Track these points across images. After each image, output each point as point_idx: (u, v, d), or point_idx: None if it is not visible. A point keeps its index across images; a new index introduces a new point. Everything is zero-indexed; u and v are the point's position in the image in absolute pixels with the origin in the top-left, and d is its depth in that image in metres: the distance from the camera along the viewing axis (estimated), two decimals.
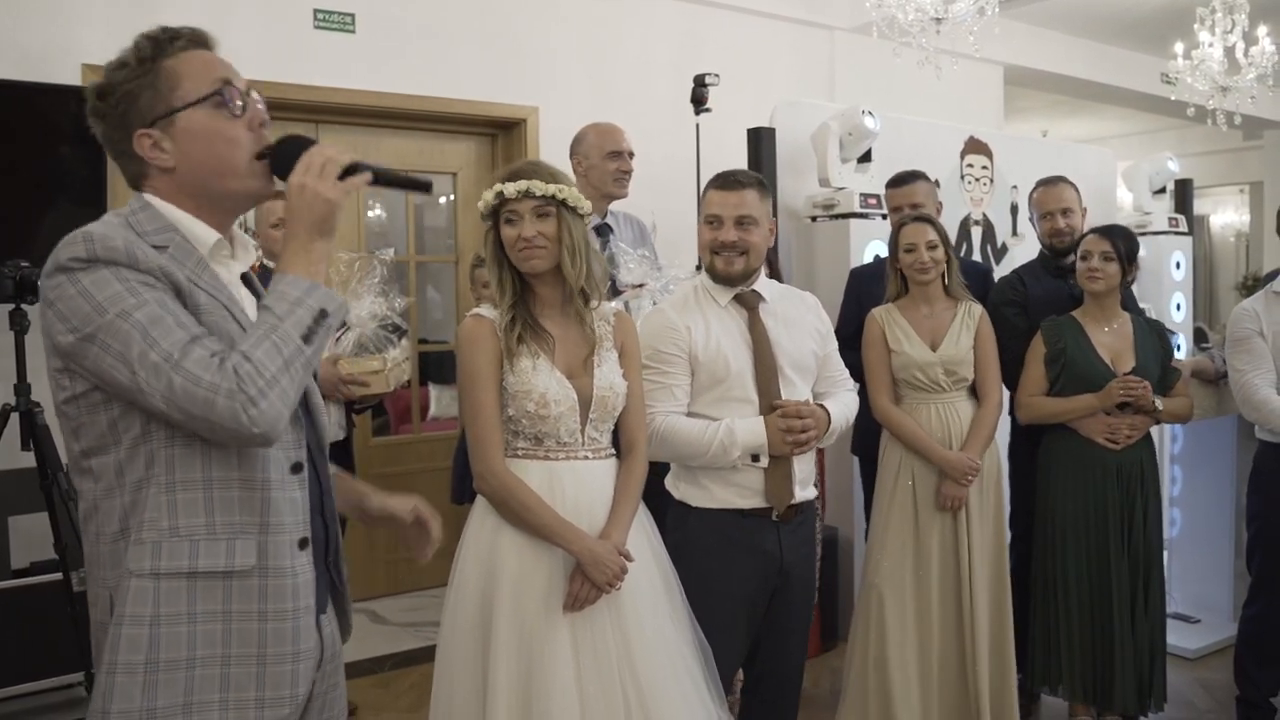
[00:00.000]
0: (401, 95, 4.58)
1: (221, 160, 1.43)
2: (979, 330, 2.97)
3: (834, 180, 4.18)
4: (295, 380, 1.32)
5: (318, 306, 1.35)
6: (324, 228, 1.41)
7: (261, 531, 1.39)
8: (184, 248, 1.40)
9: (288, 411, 1.32)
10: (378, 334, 3.18)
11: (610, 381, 2.12)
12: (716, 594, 2.35)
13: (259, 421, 1.28)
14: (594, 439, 2.11)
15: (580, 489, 2.07)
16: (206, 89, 1.41)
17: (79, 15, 3.92)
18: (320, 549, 1.52)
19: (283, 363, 1.30)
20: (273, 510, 1.40)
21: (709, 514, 2.38)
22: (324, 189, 1.41)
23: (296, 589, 1.42)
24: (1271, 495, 3.15)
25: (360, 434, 4.77)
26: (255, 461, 1.39)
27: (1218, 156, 10.95)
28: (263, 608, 1.39)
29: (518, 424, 2.07)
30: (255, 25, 4.26)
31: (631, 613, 2.06)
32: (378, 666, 4.01)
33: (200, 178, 1.43)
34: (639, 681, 2.02)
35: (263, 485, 1.40)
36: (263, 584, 1.39)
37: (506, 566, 2.02)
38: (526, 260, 2.08)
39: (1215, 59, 5.72)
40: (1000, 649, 2.93)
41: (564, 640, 1.99)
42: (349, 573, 1.62)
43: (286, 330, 1.32)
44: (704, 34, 5.47)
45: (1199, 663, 3.88)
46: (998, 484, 2.97)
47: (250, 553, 1.38)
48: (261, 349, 1.30)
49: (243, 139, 1.44)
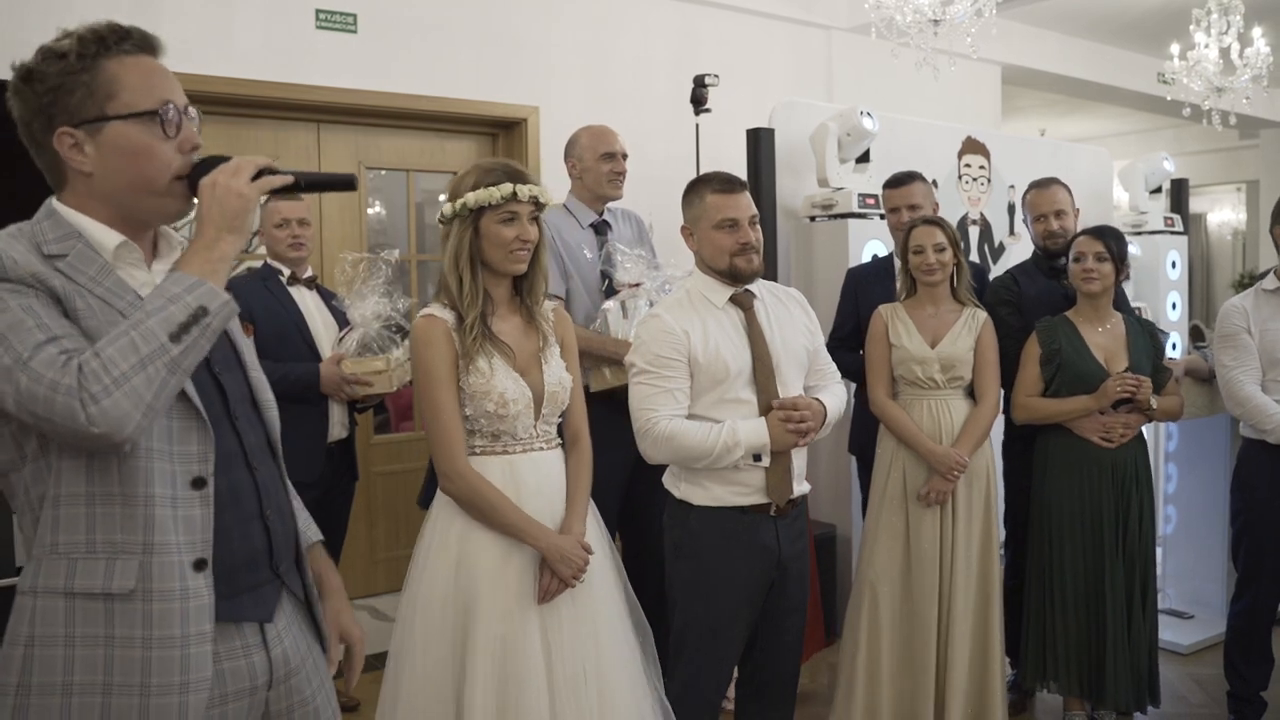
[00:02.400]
0: (402, 95, 4.60)
1: (142, 178, 1.37)
2: (981, 333, 3.01)
3: (832, 180, 4.21)
4: (153, 380, 1.23)
5: (196, 304, 1.27)
6: (235, 223, 1.35)
7: (145, 552, 1.30)
8: (85, 254, 1.34)
9: (137, 413, 1.22)
10: (381, 334, 3.21)
11: (559, 377, 2.21)
12: (718, 590, 2.39)
13: (98, 421, 1.20)
14: (545, 431, 2.21)
15: (539, 478, 2.16)
16: (146, 105, 1.36)
17: (78, 13, 3.93)
18: (262, 556, 1.45)
19: (138, 360, 1.22)
20: (158, 529, 1.31)
21: (710, 511, 2.41)
22: (236, 184, 1.35)
23: (186, 614, 1.31)
24: (1253, 491, 3.20)
25: (362, 432, 4.80)
26: (137, 476, 1.30)
27: (1214, 155, 10.99)
28: (146, 634, 1.29)
29: (475, 423, 2.13)
30: (257, 25, 4.28)
31: (588, 601, 2.15)
32: (379, 663, 4.03)
33: (117, 190, 1.37)
34: (600, 667, 2.12)
35: (146, 502, 1.30)
36: (146, 608, 1.29)
37: (481, 564, 2.08)
38: (517, 261, 2.14)
39: (1211, 60, 5.75)
40: (985, 645, 2.97)
41: (535, 631, 2.07)
42: (349, 571, 1.58)
43: (151, 327, 1.24)
44: (702, 34, 5.49)
45: (1192, 658, 3.92)
46: (988, 482, 3.01)
47: (130, 574, 1.29)
48: (115, 346, 1.23)
49: (169, 160, 1.38)
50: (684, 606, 2.44)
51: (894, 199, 3.49)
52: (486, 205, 2.09)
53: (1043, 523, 3.15)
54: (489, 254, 2.13)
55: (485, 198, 2.09)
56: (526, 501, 2.12)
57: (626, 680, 2.16)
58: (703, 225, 2.43)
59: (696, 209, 2.45)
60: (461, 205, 2.11)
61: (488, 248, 2.12)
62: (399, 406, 5.24)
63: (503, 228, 2.10)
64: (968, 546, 2.95)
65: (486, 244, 2.12)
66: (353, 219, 4.74)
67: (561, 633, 2.10)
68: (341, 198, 4.68)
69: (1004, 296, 3.37)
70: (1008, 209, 5.15)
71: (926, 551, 2.94)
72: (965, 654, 2.93)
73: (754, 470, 2.39)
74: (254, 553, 1.44)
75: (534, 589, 2.08)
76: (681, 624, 2.44)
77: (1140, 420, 3.09)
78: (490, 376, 2.09)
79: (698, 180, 2.52)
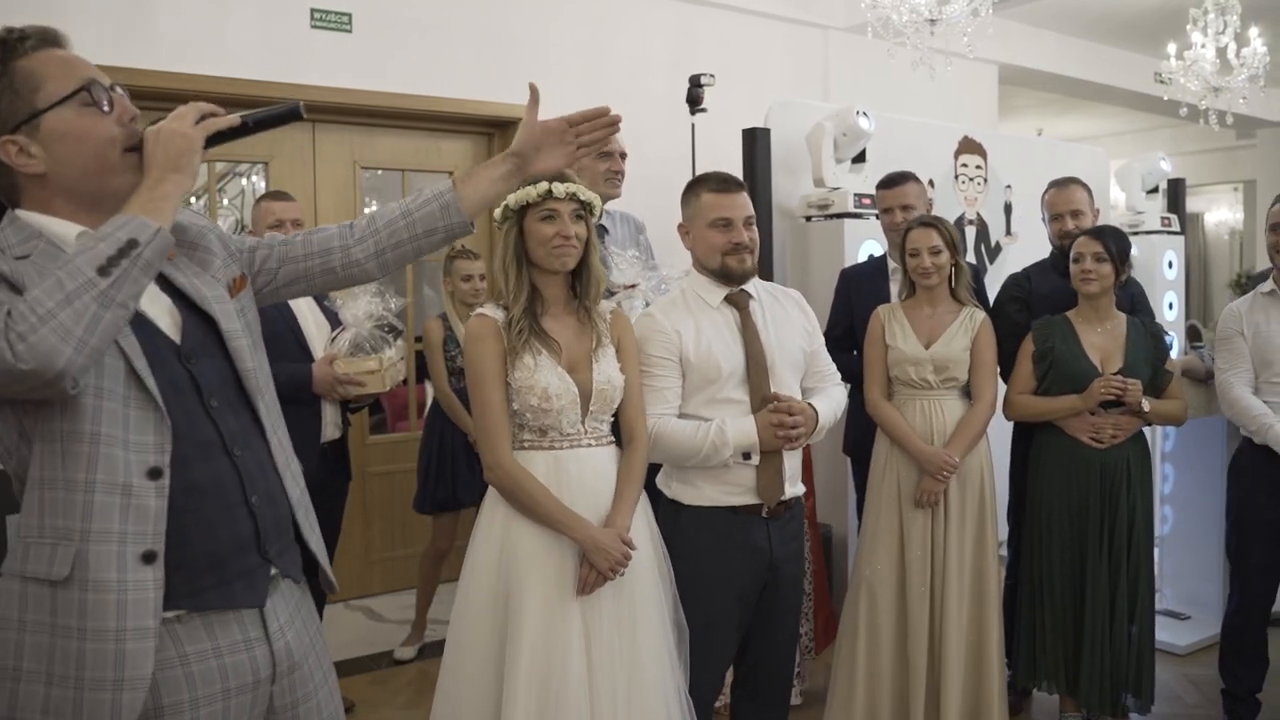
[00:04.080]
0: (398, 94, 4.60)
1: (95, 158, 1.38)
2: (979, 334, 3.00)
3: (828, 180, 4.20)
4: (81, 314, 1.22)
5: (125, 237, 1.27)
6: (179, 162, 1.35)
7: (82, 539, 1.29)
8: (48, 251, 1.35)
9: (67, 347, 1.21)
10: (374, 334, 3.20)
11: (609, 376, 2.22)
12: (709, 590, 2.38)
13: (25, 357, 1.19)
14: (595, 428, 2.22)
15: (584, 473, 2.18)
16: (71, 86, 1.36)
17: (74, 13, 3.93)
18: (249, 542, 1.44)
19: (63, 297, 1.22)
20: (97, 516, 1.29)
21: (700, 511, 2.40)
22: (179, 126, 1.36)
23: (124, 607, 1.29)
24: (1245, 489, 3.24)
25: (357, 432, 4.79)
26: (80, 462, 1.29)
27: (1212, 155, 11.00)
28: (81, 625, 1.28)
29: (522, 417, 2.18)
30: (252, 25, 4.27)
31: (629, 597, 2.17)
32: (374, 664, 4.04)
33: (74, 179, 1.38)
34: (633, 661, 2.15)
35: (87, 488, 1.29)
36: (82, 597, 1.28)
37: (522, 552, 2.13)
38: (561, 257, 2.18)
39: (1208, 59, 5.75)
40: (980, 646, 2.96)
41: (576, 623, 2.10)
42: (345, 572, 1.59)
43: (77, 264, 1.24)
44: (699, 33, 5.49)
45: (1188, 659, 3.92)
46: (981, 484, 2.99)
47: (67, 561, 1.28)
48: (41, 287, 1.23)
49: (114, 134, 1.39)
50: (676, 608, 2.40)
51: (887, 199, 3.49)
52: (527, 204, 2.16)
53: (1034, 521, 3.15)
54: (534, 252, 2.19)
55: (524, 196, 2.15)
56: (571, 496, 2.15)
57: (656, 675, 2.18)
58: (698, 223, 2.45)
59: (693, 207, 2.47)
60: (505, 207, 2.18)
61: (532, 245, 2.18)
62: (395, 406, 5.24)
63: (543, 225, 2.16)
64: (960, 548, 2.95)
65: (531, 242, 2.18)
66: (349, 217, 4.73)
67: (602, 623, 2.13)
68: (338, 197, 4.68)
69: (1013, 294, 3.37)
70: (1004, 209, 5.14)
71: (916, 553, 2.94)
72: (959, 655, 2.93)
73: (745, 470, 2.39)
74: (241, 539, 1.43)
75: (574, 581, 2.11)
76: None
77: (1133, 422, 3.08)
78: (534, 371, 2.14)
79: (697, 179, 2.53)
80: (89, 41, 3.93)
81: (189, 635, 1.38)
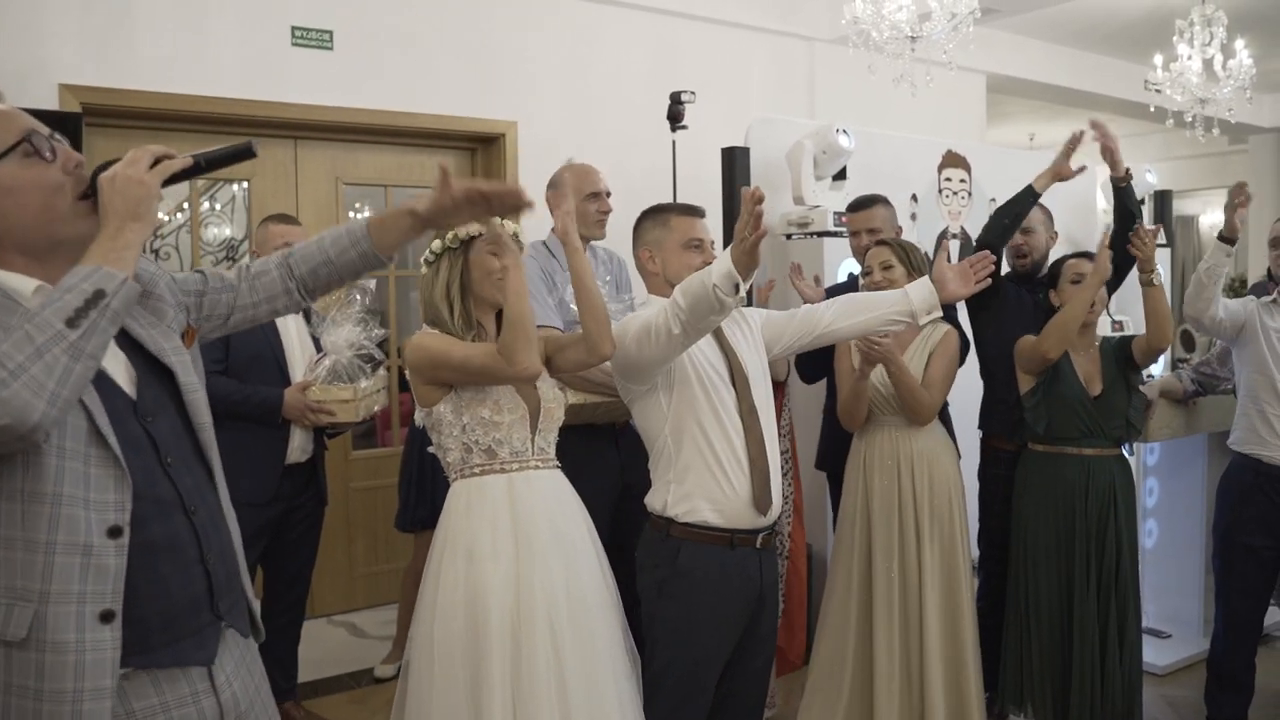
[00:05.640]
0: (380, 111, 4.59)
1: (43, 209, 1.38)
2: (937, 347, 3.01)
3: (808, 198, 4.20)
4: (53, 367, 1.23)
5: (92, 288, 1.27)
6: (138, 210, 1.35)
7: (41, 600, 1.28)
8: (4, 304, 1.34)
9: (40, 401, 1.22)
10: (352, 363, 3.18)
11: (553, 394, 2.32)
12: (704, 629, 2.38)
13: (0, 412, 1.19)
14: (542, 449, 2.27)
15: (536, 497, 2.21)
16: (12, 139, 1.36)
17: (54, 33, 3.93)
18: (203, 600, 1.44)
19: (33, 350, 1.22)
20: (57, 577, 1.29)
21: (699, 546, 2.37)
22: (135, 173, 1.36)
23: (82, 667, 1.29)
24: (1231, 510, 3.26)
25: (341, 447, 4.80)
26: (41, 522, 1.29)
27: (1205, 160, 10.99)
28: (38, 686, 1.27)
29: (472, 435, 2.19)
30: (232, 43, 4.27)
31: (588, 622, 2.19)
32: (355, 682, 4.04)
33: (23, 231, 1.37)
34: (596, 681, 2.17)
35: (47, 549, 1.29)
36: (39, 658, 1.27)
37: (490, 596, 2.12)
38: (504, 289, 2.20)
39: (1194, 71, 5.74)
40: (957, 669, 2.96)
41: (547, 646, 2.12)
42: (329, 587, 1.59)
43: (45, 317, 1.24)
44: (682, 46, 5.47)
45: (1168, 679, 3.91)
46: (950, 506, 2.99)
47: (24, 623, 1.27)
48: (10, 341, 1.23)
49: (61, 181, 1.39)
50: (667, 647, 2.39)
51: (855, 222, 3.51)
52: (475, 235, 2.22)
53: (1019, 546, 3.15)
54: (478, 284, 2.25)
55: (475, 227, 2.21)
56: (530, 521, 2.17)
57: (615, 697, 2.20)
58: (669, 245, 2.50)
59: (661, 231, 2.52)
60: (452, 237, 2.23)
61: (477, 277, 2.25)
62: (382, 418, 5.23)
63: (491, 258, 2.23)
64: (933, 571, 2.95)
65: (476, 274, 2.25)
66: None
67: (565, 648, 2.14)
68: (320, 214, 4.68)
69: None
70: None
71: (881, 575, 2.95)
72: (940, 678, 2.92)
73: (738, 474, 2.37)
74: (195, 598, 1.43)
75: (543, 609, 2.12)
76: (661, 665, 2.38)
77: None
78: (483, 385, 2.19)
79: (658, 207, 2.59)
80: (69, 62, 3.94)
81: (136, 692, 1.38)
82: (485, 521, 2.17)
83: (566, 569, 2.20)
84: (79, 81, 3.96)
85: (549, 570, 2.16)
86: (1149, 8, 6.46)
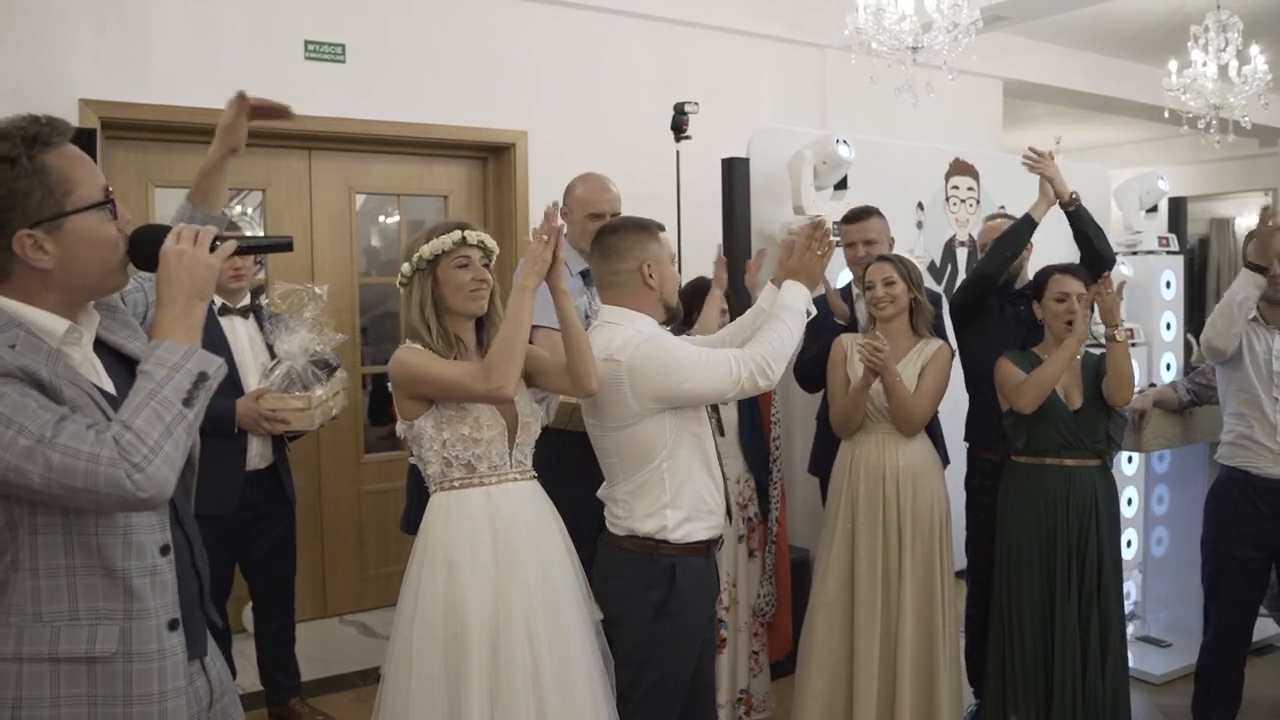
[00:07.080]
0: (392, 122, 4.69)
1: (104, 263, 1.47)
2: (929, 361, 3.05)
3: (808, 208, 4.24)
4: (179, 444, 1.35)
5: (196, 370, 1.38)
6: (205, 290, 1.46)
7: (126, 618, 1.43)
8: (30, 341, 1.40)
9: (174, 475, 1.34)
10: (307, 369, 3.17)
11: (530, 408, 2.37)
12: (697, 634, 2.47)
13: (145, 486, 1.30)
14: (520, 461, 2.34)
15: (516, 510, 2.28)
16: (98, 194, 1.45)
17: (72, 48, 4.05)
18: (196, 601, 1.58)
19: (164, 428, 1.32)
20: (137, 598, 1.43)
21: (690, 563, 2.40)
22: (203, 255, 1.46)
23: (164, 672, 1.45)
24: (1220, 521, 3.27)
25: (352, 451, 4.91)
26: (115, 553, 1.42)
27: (1236, 163, 10.82)
28: (127, 693, 1.42)
29: (452, 450, 2.25)
30: (246, 57, 4.38)
31: (562, 628, 2.25)
32: (361, 680, 4.14)
33: (79, 278, 1.45)
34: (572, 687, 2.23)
35: (125, 574, 1.43)
36: (127, 669, 1.42)
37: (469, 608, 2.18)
38: (478, 300, 2.30)
39: (1209, 77, 5.70)
40: (930, 677, 3.00)
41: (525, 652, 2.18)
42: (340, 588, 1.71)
43: (166, 396, 1.34)
44: (688, 55, 5.51)
45: (1163, 688, 3.91)
46: (932, 517, 3.03)
47: (112, 639, 1.41)
48: (141, 416, 1.32)
49: (118, 239, 1.49)
50: (661, 665, 2.40)
51: (850, 234, 3.53)
52: (441, 253, 2.28)
53: (1003, 553, 3.18)
54: (450, 298, 2.30)
55: (439, 246, 2.28)
56: (510, 532, 2.23)
57: (590, 701, 2.26)
58: (664, 260, 2.49)
59: (655, 248, 2.47)
60: (419, 258, 2.29)
61: (448, 292, 2.29)
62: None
63: (459, 272, 2.29)
64: (913, 580, 2.99)
65: (446, 289, 2.29)
66: (343, 241, 4.84)
67: (542, 655, 2.20)
68: (333, 222, 4.79)
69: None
70: None
71: (864, 581, 3.00)
72: (909, 686, 2.97)
73: (719, 482, 2.46)
74: (193, 600, 1.58)
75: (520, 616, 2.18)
76: (653, 681, 2.39)
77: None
78: (467, 404, 2.24)
79: (642, 223, 2.52)
80: (84, 75, 4.07)
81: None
82: (464, 534, 2.23)
83: (543, 576, 2.26)
84: (96, 96, 4.09)
85: (526, 579, 2.23)
86: (1165, 13, 6.41)
